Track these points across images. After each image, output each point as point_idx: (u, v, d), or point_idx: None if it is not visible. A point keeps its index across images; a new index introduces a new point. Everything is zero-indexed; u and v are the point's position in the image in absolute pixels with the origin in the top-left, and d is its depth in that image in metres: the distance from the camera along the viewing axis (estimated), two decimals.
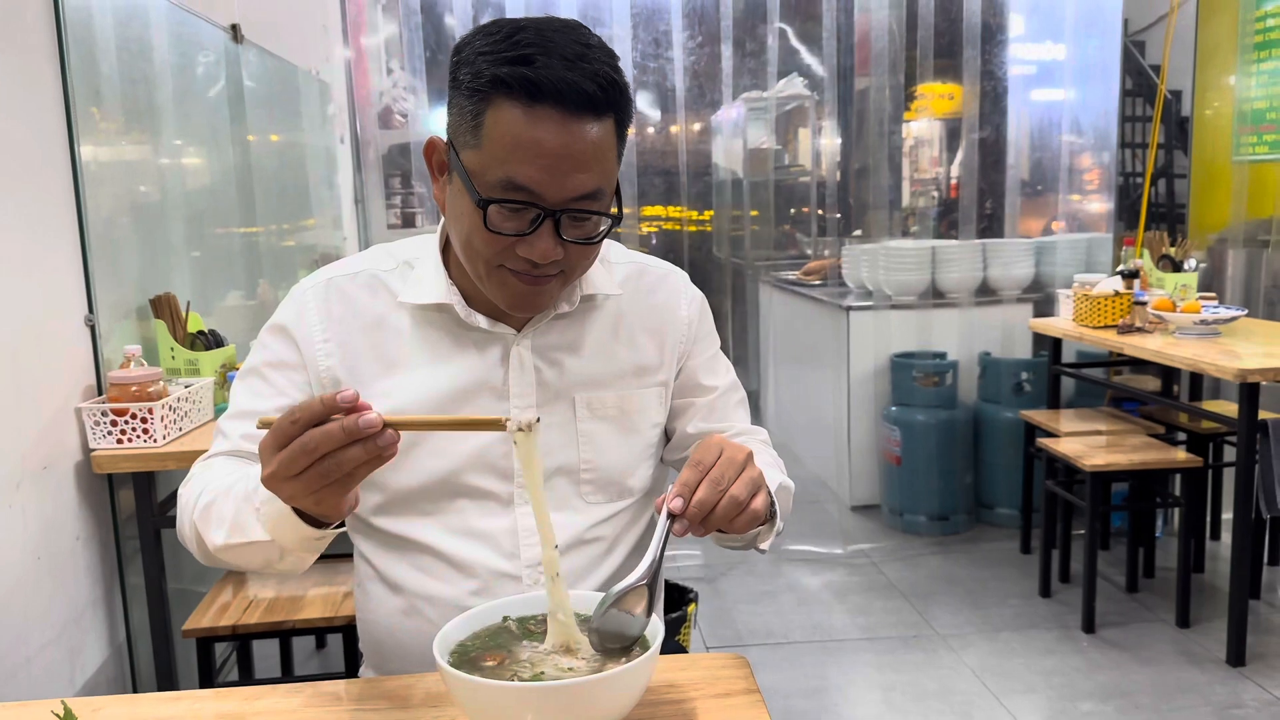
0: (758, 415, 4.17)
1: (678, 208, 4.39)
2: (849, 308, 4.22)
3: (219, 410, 2.30)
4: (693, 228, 4.48)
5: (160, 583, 2.12)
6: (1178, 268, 3.60)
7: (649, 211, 4.65)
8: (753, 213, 4.92)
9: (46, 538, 1.91)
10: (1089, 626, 3.12)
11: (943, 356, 4.15)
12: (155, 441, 2.03)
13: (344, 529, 0.97)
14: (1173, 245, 3.71)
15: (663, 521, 0.94)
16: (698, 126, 4.96)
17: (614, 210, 1.05)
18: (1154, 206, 5.30)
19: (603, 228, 1.05)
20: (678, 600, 2.34)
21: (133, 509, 2.12)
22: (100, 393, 2.10)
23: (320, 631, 2.11)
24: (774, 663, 2.99)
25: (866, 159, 4.23)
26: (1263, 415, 2.83)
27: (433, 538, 1.15)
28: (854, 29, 4.32)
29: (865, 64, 4.17)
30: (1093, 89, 4.24)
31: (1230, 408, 3.15)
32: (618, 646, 0.91)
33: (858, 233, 4.63)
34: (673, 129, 4.37)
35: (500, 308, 1.11)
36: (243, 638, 2.25)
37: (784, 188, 5.24)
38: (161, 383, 2.09)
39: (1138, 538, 3.43)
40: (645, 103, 4.53)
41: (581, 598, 0.98)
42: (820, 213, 4.63)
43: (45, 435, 1.92)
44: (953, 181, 5.28)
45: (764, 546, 1.11)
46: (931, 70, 4.20)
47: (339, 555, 1.46)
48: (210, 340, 2.38)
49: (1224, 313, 3.17)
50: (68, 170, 2.02)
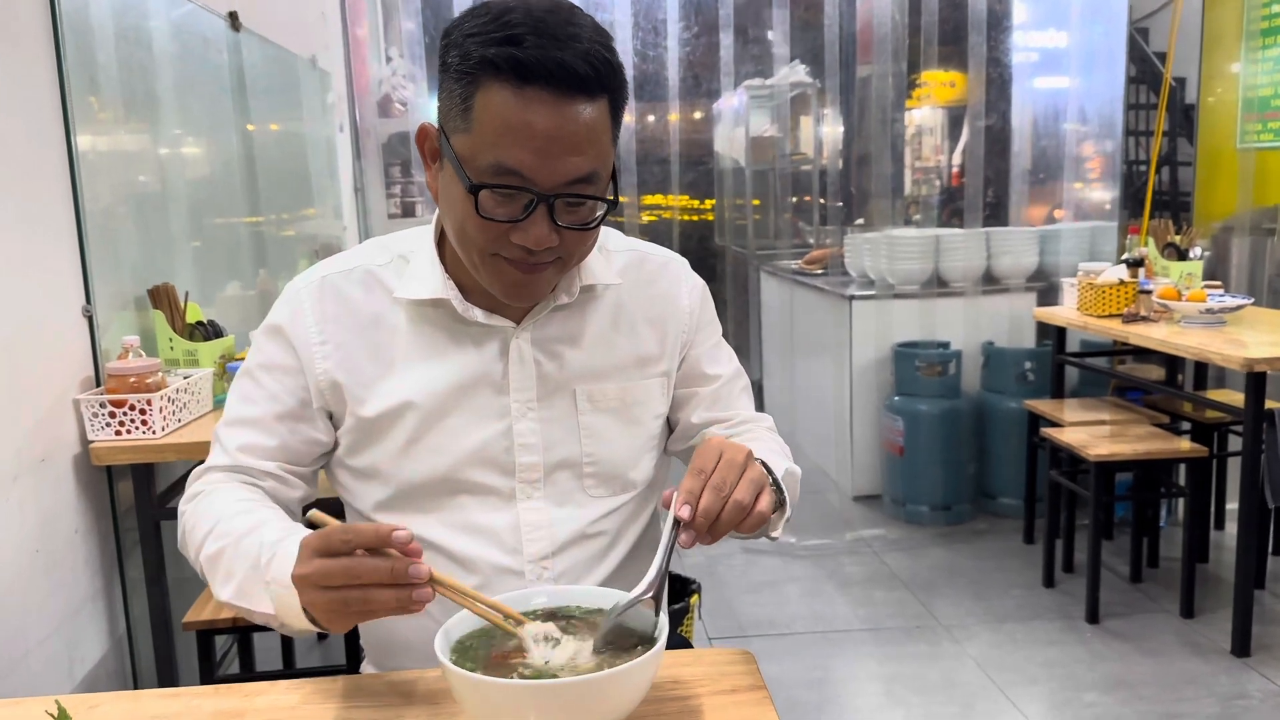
0: (760, 405, 4.12)
1: (678, 196, 4.36)
2: (851, 297, 4.20)
3: (218, 401, 2.28)
4: (694, 216, 4.46)
5: (160, 575, 2.11)
6: (1183, 256, 3.57)
7: (650, 200, 4.63)
8: (754, 201, 4.90)
9: (45, 530, 1.89)
10: (1093, 617, 3.11)
11: (946, 346, 4.13)
12: (154, 433, 2.02)
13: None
14: (1178, 233, 3.69)
15: (668, 531, 0.93)
16: (698, 114, 4.93)
17: (610, 197, 1.03)
18: (1158, 194, 5.28)
19: (599, 213, 1.03)
20: (680, 591, 2.31)
21: (132, 501, 2.11)
22: (98, 384, 2.09)
23: None
24: (776, 653, 2.98)
25: (869, 147, 4.21)
26: (1269, 404, 2.81)
27: (434, 534, 1.13)
28: (856, 15, 4.30)
29: (868, 51, 4.14)
30: (1097, 76, 4.21)
31: (1235, 397, 3.13)
32: (622, 644, 0.90)
33: (860, 221, 4.61)
34: (673, 117, 4.35)
35: (497, 298, 1.09)
36: (243, 630, 2.24)
37: (786, 176, 5.21)
38: (160, 374, 2.08)
39: (1142, 528, 3.41)
40: (646, 91, 4.50)
41: (581, 593, 0.97)
42: (822, 201, 4.61)
43: (43, 427, 1.90)
44: (955, 169, 5.25)
45: (775, 534, 1.09)
46: (935, 57, 4.17)
47: None
48: (209, 331, 2.36)
49: (1230, 301, 3.15)
50: (64, 160, 2.00)
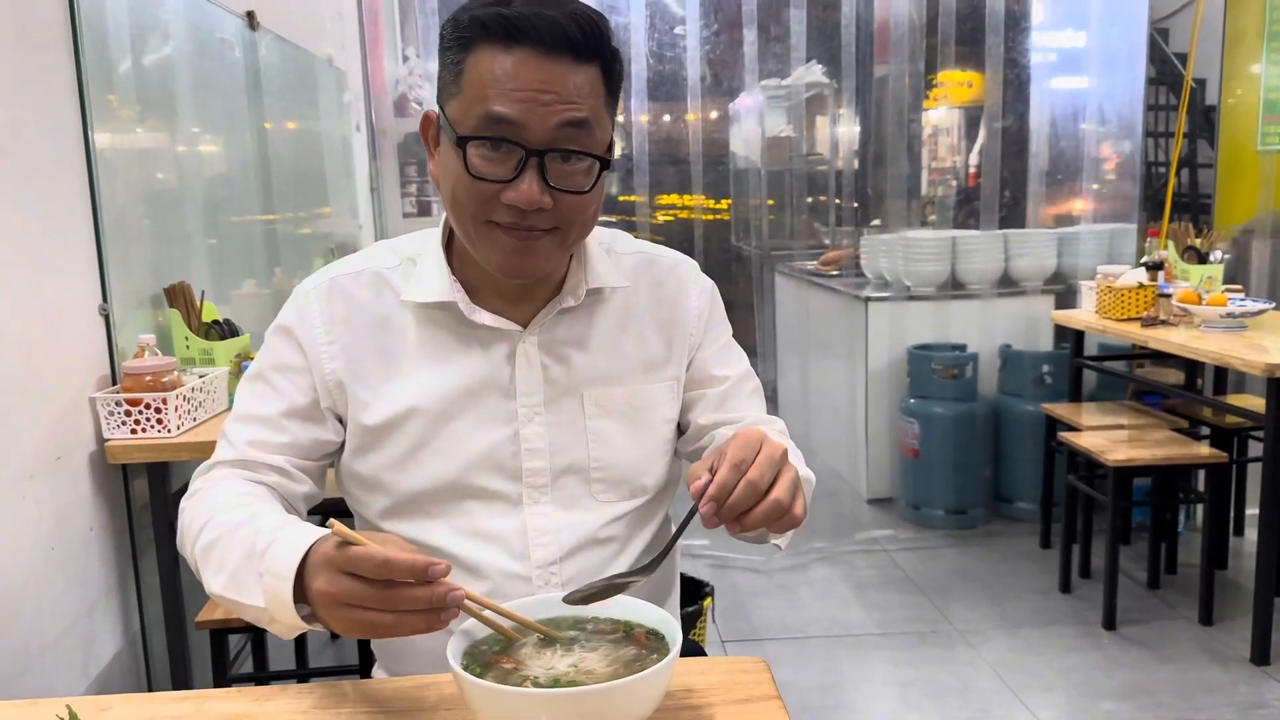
0: (773, 406, 4.12)
1: (694, 196, 4.34)
2: (867, 298, 4.18)
3: (234, 401, 2.28)
4: (709, 216, 4.44)
5: (174, 574, 2.11)
6: (1203, 259, 3.54)
7: (664, 200, 4.61)
8: (770, 202, 4.87)
9: (60, 529, 1.90)
10: (1110, 623, 3.08)
11: (962, 348, 4.10)
12: (170, 432, 2.02)
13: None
14: (1198, 236, 3.65)
15: (686, 517, 0.92)
16: (715, 114, 4.91)
17: (604, 155, 1.02)
18: (1178, 197, 5.23)
19: (594, 176, 1.02)
20: (693, 594, 2.31)
21: (147, 499, 2.11)
22: (114, 382, 2.09)
23: None
24: (789, 657, 2.97)
25: (885, 147, 4.19)
26: None
27: (442, 540, 1.13)
28: (874, 16, 4.27)
29: (885, 51, 4.12)
30: (1116, 77, 4.18)
31: (1255, 402, 3.10)
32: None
33: (876, 222, 4.58)
34: (689, 117, 4.33)
35: (500, 296, 1.09)
36: (257, 630, 2.24)
37: (802, 176, 5.19)
38: (176, 372, 2.08)
39: (1160, 533, 3.38)
40: (662, 90, 4.49)
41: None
42: (838, 202, 4.58)
43: (59, 425, 1.91)
44: (972, 170, 5.22)
45: (781, 543, 1.07)
46: (952, 58, 4.15)
47: None
48: (225, 330, 2.37)
49: (1251, 305, 3.12)
50: (82, 158, 2.01)
